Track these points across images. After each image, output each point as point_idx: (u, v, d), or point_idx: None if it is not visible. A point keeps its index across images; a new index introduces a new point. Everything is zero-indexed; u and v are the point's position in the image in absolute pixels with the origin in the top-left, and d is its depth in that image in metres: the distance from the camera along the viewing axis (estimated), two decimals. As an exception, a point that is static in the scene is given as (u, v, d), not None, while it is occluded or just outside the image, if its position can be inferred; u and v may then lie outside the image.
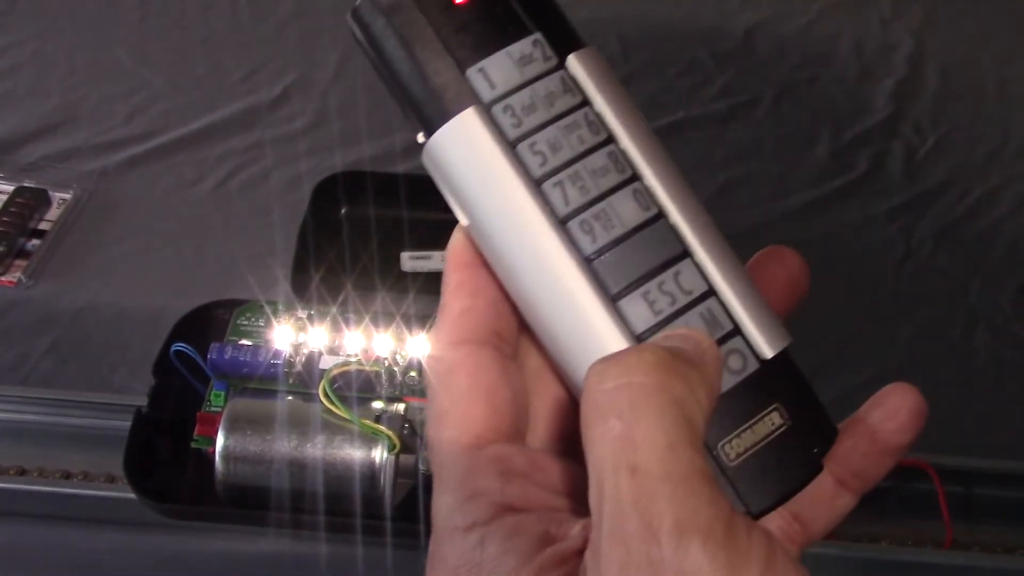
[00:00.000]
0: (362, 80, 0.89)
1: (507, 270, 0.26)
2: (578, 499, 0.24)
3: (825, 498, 0.28)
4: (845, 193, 0.82)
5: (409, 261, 0.72)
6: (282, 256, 0.70)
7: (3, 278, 0.71)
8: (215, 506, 0.53)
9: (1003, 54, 0.96)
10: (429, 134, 0.26)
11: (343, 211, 0.75)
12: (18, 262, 0.72)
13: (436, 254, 0.72)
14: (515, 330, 0.26)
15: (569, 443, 0.26)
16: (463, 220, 0.26)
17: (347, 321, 0.57)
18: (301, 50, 0.92)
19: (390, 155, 0.82)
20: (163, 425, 0.56)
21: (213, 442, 0.52)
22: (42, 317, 0.69)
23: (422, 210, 0.73)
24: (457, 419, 0.25)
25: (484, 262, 0.26)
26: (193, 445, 0.54)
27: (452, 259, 0.27)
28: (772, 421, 0.25)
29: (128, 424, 0.54)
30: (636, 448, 0.20)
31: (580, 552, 0.22)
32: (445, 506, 0.24)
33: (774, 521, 0.27)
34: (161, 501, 0.53)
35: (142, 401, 0.55)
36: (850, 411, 0.27)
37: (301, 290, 0.66)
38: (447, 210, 0.27)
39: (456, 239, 0.27)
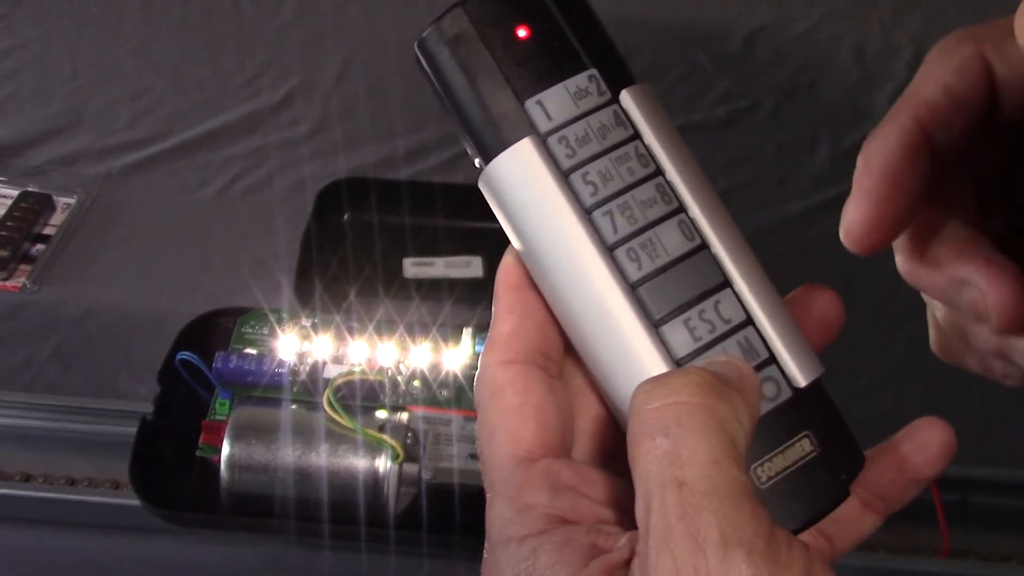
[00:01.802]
0: (365, 85, 0.89)
1: (555, 293, 0.27)
2: (623, 511, 0.25)
3: (851, 519, 0.29)
4: (844, 200, 0.82)
5: (412, 267, 0.72)
6: (285, 261, 0.70)
7: (7, 283, 0.71)
8: (219, 514, 0.53)
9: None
10: (487, 161, 0.27)
11: (346, 217, 0.75)
12: (22, 267, 0.73)
13: (438, 260, 0.72)
14: (561, 350, 0.28)
15: (610, 459, 0.27)
16: (516, 244, 0.27)
17: (351, 330, 0.57)
18: (304, 54, 0.92)
19: (393, 159, 0.82)
20: (168, 432, 0.56)
21: (218, 450, 0.52)
22: (46, 322, 0.70)
23: (425, 217, 0.74)
24: (507, 435, 0.26)
25: (532, 284, 0.27)
26: (198, 453, 0.54)
27: (503, 281, 0.28)
28: (802, 447, 0.26)
29: (133, 431, 0.55)
30: (683, 464, 0.21)
31: (626, 563, 0.23)
32: (499, 517, 0.25)
33: (803, 537, 0.28)
34: (166, 508, 0.53)
35: (147, 408, 0.56)
36: (846, 418, 0.28)
37: (305, 298, 0.67)
38: (448, 217, 0.28)
39: (507, 262, 0.28)
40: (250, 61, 0.91)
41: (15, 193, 0.76)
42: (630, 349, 0.26)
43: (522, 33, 0.27)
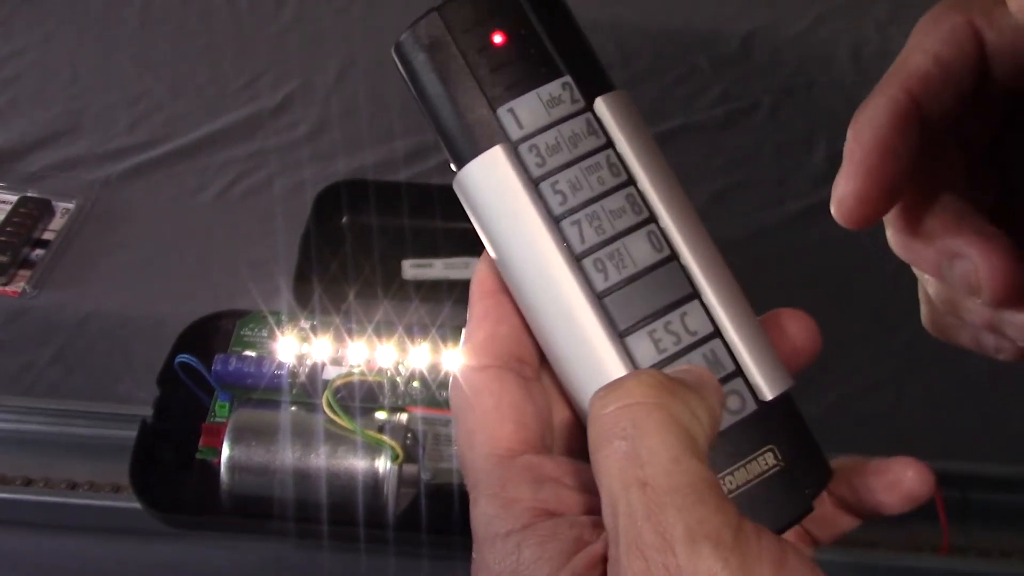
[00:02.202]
0: (364, 87, 0.89)
1: (524, 301, 0.27)
2: None
3: (826, 519, 0.29)
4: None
5: (411, 269, 0.72)
6: (284, 264, 0.70)
7: (7, 288, 0.72)
8: (220, 516, 0.53)
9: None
10: (460, 166, 0.27)
11: (344, 219, 0.75)
12: (22, 272, 0.73)
13: (437, 262, 0.72)
14: (536, 353, 0.28)
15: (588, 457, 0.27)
16: (488, 249, 0.28)
17: (350, 331, 0.57)
18: (302, 58, 0.92)
19: (392, 162, 0.82)
20: (168, 435, 0.56)
21: (218, 452, 0.52)
22: (46, 327, 0.70)
23: (423, 218, 0.74)
24: (487, 435, 0.26)
25: (507, 290, 0.28)
26: (198, 455, 0.54)
27: (477, 287, 0.28)
28: (766, 461, 0.26)
29: (133, 434, 0.55)
30: (643, 464, 0.22)
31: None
32: (483, 516, 0.25)
33: None
34: (166, 511, 0.53)
35: (147, 411, 0.56)
36: (846, 417, 0.28)
37: (303, 300, 0.67)
38: (447, 219, 0.28)
39: (481, 268, 0.28)
40: (249, 65, 0.91)
41: (14, 198, 0.76)
42: (595, 359, 0.26)
43: (497, 39, 0.27)
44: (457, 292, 0.70)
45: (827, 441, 0.29)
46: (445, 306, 0.69)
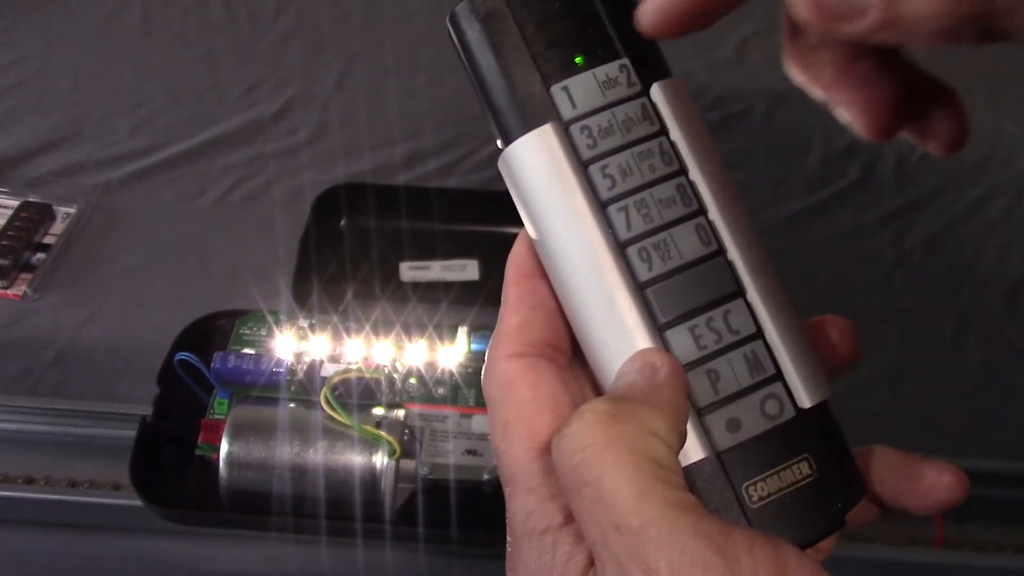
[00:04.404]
0: (362, 93, 0.90)
1: (562, 286, 0.26)
2: None
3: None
4: (837, 201, 0.83)
5: (408, 271, 0.73)
6: (284, 266, 0.71)
7: (9, 292, 0.72)
8: (219, 511, 0.54)
9: (993, 61, 0.97)
10: (507, 143, 0.26)
11: (343, 222, 0.76)
12: (23, 276, 0.73)
13: (434, 264, 0.73)
14: (570, 340, 0.27)
15: None
16: (529, 230, 0.27)
17: (348, 329, 0.58)
18: (302, 64, 0.93)
19: (390, 167, 0.83)
20: (168, 433, 0.57)
21: (217, 449, 0.52)
22: (47, 329, 0.70)
23: (421, 221, 0.74)
24: (523, 429, 0.25)
25: (543, 273, 0.27)
26: (197, 452, 0.55)
27: (513, 270, 0.27)
28: (800, 470, 0.25)
29: (133, 433, 0.55)
30: (611, 507, 0.21)
31: None
32: (521, 511, 0.25)
33: None
34: (166, 507, 0.53)
35: (147, 410, 0.56)
36: (841, 414, 0.27)
37: (302, 299, 0.67)
38: (444, 221, 0.28)
39: (518, 250, 0.27)
40: (248, 72, 0.92)
41: (16, 203, 0.77)
42: (632, 351, 0.25)
43: (556, 15, 0.26)
44: (454, 293, 0.71)
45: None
46: (442, 306, 0.69)
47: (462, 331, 0.58)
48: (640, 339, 0.25)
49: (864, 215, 0.82)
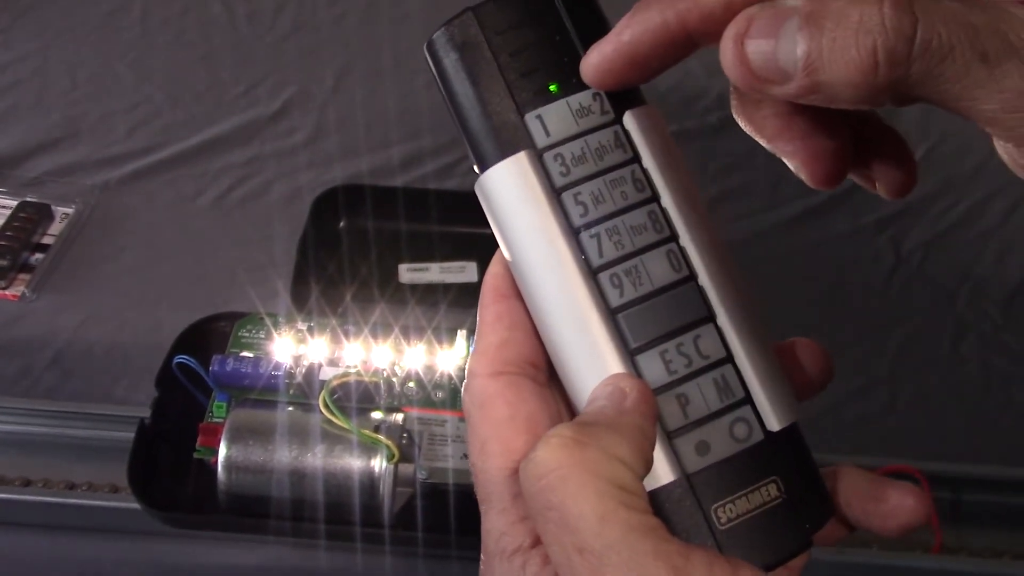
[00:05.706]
0: (360, 95, 0.90)
1: (536, 309, 0.27)
2: None
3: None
4: (836, 204, 0.83)
5: (407, 273, 0.73)
6: (282, 268, 0.71)
7: (7, 292, 0.72)
8: (217, 515, 0.54)
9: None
10: (482, 169, 0.27)
11: (342, 224, 0.76)
12: (21, 276, 0.73)
13: (433, 266, 0.73)
14: (547, 358, 0.27)
15: None
16: (505, 253, 0.27)
17: (346, 332, 0.58)
18: (300, 65, 0.93)
19: (389, 168, 0.83)
20: (166, 436, 0.57)
21: (215, 452, 0.52)
22: (45, 330, 0.70)
23: (420, 223, 0.74)
24: (500, 447, 0.26)
25: (519, 294, 0.27)
26: (195, 455, 0.55)
27: (490, 290, 0.28)
28: (768, 492, 0.26)
29: (131, 435, 0.55)
30: (575, 531, 0.22)
31: None
32: (493, 531, 0.25)
33: None
34: (164, 510, 0.53)
35: (145, 412, 0.56)
36: (840, 419, 0.28)
37: (301, 302, 0.67)
38: (443, 223, 0.28)
39: (494, 271, 0.28)
40: (247, 73, 0.92)
41: (14, 203, 0.77)
42: (604, 375, 0.25)
43: (531, 44, 0.27)
44: (452, 295, 0.71)
45: (821, 442, 0.29)
46: (441, 308, 0.69)
47: (461, 334, 0.58)
48: (612, 363, 0.25)
49: (862, 218, 0.82)
